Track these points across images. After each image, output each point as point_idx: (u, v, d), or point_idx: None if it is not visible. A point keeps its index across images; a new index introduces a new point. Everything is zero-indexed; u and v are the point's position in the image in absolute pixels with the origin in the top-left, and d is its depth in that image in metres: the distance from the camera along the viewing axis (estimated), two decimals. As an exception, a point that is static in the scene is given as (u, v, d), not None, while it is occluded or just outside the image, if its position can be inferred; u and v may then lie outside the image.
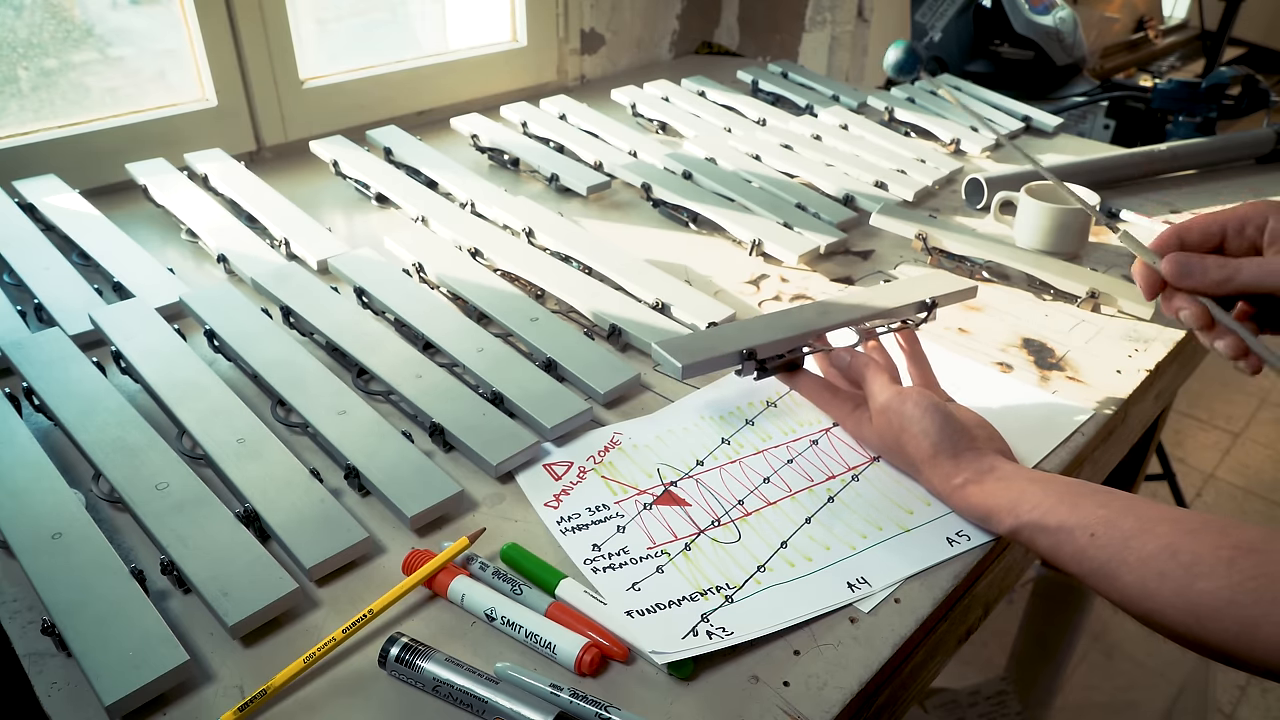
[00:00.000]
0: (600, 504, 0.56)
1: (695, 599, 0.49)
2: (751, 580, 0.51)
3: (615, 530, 0.54)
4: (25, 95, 0.95)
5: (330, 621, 0.48)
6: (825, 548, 0.53)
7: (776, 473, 0.58)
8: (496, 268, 0.81)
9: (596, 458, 0.60)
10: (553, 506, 0.56)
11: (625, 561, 0.52)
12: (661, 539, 0.53)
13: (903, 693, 0.52)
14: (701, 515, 0.55)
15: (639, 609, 0.48)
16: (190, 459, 0.57)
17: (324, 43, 1.18)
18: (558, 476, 0.58)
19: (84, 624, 0.45)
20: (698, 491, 0.57)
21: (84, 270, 0.79)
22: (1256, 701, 1.63)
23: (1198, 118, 1.49)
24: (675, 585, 0.50)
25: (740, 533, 0.54)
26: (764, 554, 0.52)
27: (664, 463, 0.59)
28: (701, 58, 1.61)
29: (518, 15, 1.33)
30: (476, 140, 1.11)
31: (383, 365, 0.66)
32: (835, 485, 0.58)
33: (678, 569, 0.51)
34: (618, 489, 0.57)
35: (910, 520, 0.55)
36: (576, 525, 0.54)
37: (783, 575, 0.51)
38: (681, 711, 0.43)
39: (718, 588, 0.50)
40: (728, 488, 0.57)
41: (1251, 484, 2.06)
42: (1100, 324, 0.77)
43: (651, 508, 0.56)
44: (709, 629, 0.47)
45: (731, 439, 0.61)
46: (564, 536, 0.53)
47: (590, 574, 0.51)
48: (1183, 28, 2.26)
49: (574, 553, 0.52)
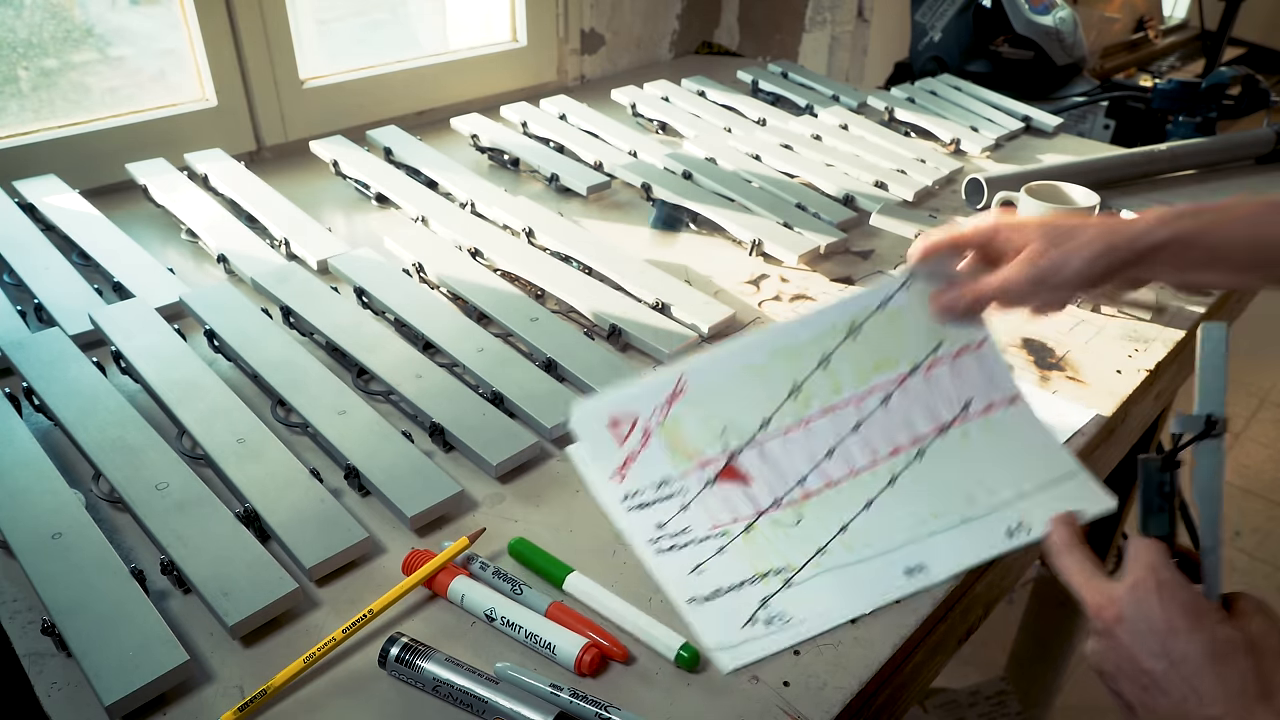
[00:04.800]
0: (663, 479, 0.54)
1: (755, 582, 0.49)
2: (810, 564, 0.50)
3: (678, 509, 0.53)
4: (25, 95, 0.95)
5: (330, 621, 0.48)
6: (886, 533, 0.52)
7: (842, 442, 0.55)
8: (496, 268, 0.81)
9: (663, 411, 0.55)
10: (617, 480, 0.54)
11: (689, 541, 0.51)
12: (722, 519, 0.53)
13: (903, 693, 0.52)
14: (763, 494, 0.54)
15: (701, 595, 0.48)
16: (190, 459, 0.57)
17: (324, 43, 1.18)
18: (623, 438, 0.54)
19: (84, 624, 0.45)
20: (760, 465, 0.55)
21: (84, 270, 0.79)
22: (1256, 701, 1.62)
23: (1198, 118, 1.49)
24: (736, 567, 0.50)
25: (801, 515, 0.53)
26: (823, 538, 0.52)
27: (729, 423, 0.55)
28: (701, 58, 1.61)
29: (518, 15, 1.33)
30: (476, 140, 1.12)
31: (383, 365, 0.66)
32: (899, 463, 0.55)
33: (738, 550, 0.51)
34: (682, 459, 0.54)
35: (970, 510, 0.53)
36: (641, 503, 0.53)
37: (841, 559, 0.51)
38: (681, 711, 0.43)
39: (777, 570, 0.50)
40: (791, 460, 0.55)
41: (1251, 484, 2.06)
42: (1100, 324, 0.77)
43: (714, 482, 0.54)
44: (768, 615, 0.47)
45: (802, 386, 0.56)
46: (629, 514, 0.52)
47: (653, 556, 0.51)
48: (1183, 28, 2.26)
49: (636, 533, 0.52)
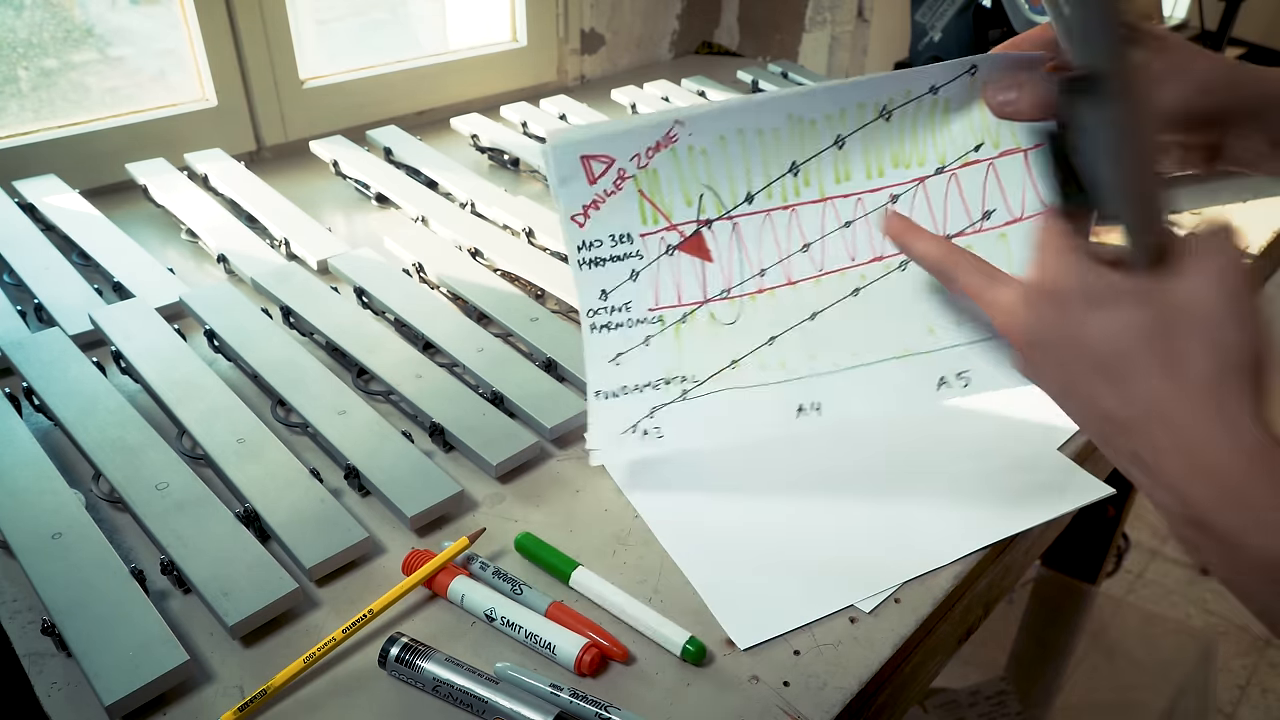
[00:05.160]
0: (625, 233, 0.51)
1: (658, 387, 0.49)
2: (714, 377, 0.49)
3: (628, 275, 0.51)
4: (25, 95, 0.95)
5: (330, 621, 0.48)
6: (809, 357, 0.49)
7: (824, 238, 0.51)
8: (496, 268, 0.81)
9: (643, 157, 0.50)
10: (579, 223, 0.51)
11: (623, 322, 0.50)
12: (666, 299, 0.51)
13: (903, 693, 0.52)
14: (716, 279, 0.51)
15: (608, 389, 0.48)
16: (190, 459, 0.57)
17: (324, 43, 1.18)
18: (594, 177, 0.50)
19: (84, 624, 0.45)
20: (727, 244, 0.51)
21: (84, 270, 0.79)
22: (1256, 701, 1.63)
23: (1198, 117, 1.49)
24: (651, 365, 0.49)
25: (740, 313, 0.51)
26: (745, 348, 0.50)
27: (711, 186, 0.51)
28: (701, 58, 1.61)
29: (518, 15, 1.33)
30: (476, 140, 1.12)
31: (383, 365, 0.66)
32: (873, 272, 0.51)
33: (661, 345, 0.50)
34: (650, 214, 0.51)
35: (916, 344, 0.50)
36: (595, 258, 0.51)
37: (747, 378, 0.49)
38: (681, 711, 0.43)
39: (683, 379, 0.49)
40: (761, 246, 0.51)
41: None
42: (1100, 324, 0.77)
43: (674, 252, 0.51)
44: (647, 426, 0.47)
45: (803, 166, 0.50)
46: (580, 270, 0.51)
47: (587, 330, 0.50)
48: (1183, 28, 2.26)
49: (584, 293, 0.51)
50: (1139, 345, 0.35)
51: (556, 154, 0.49)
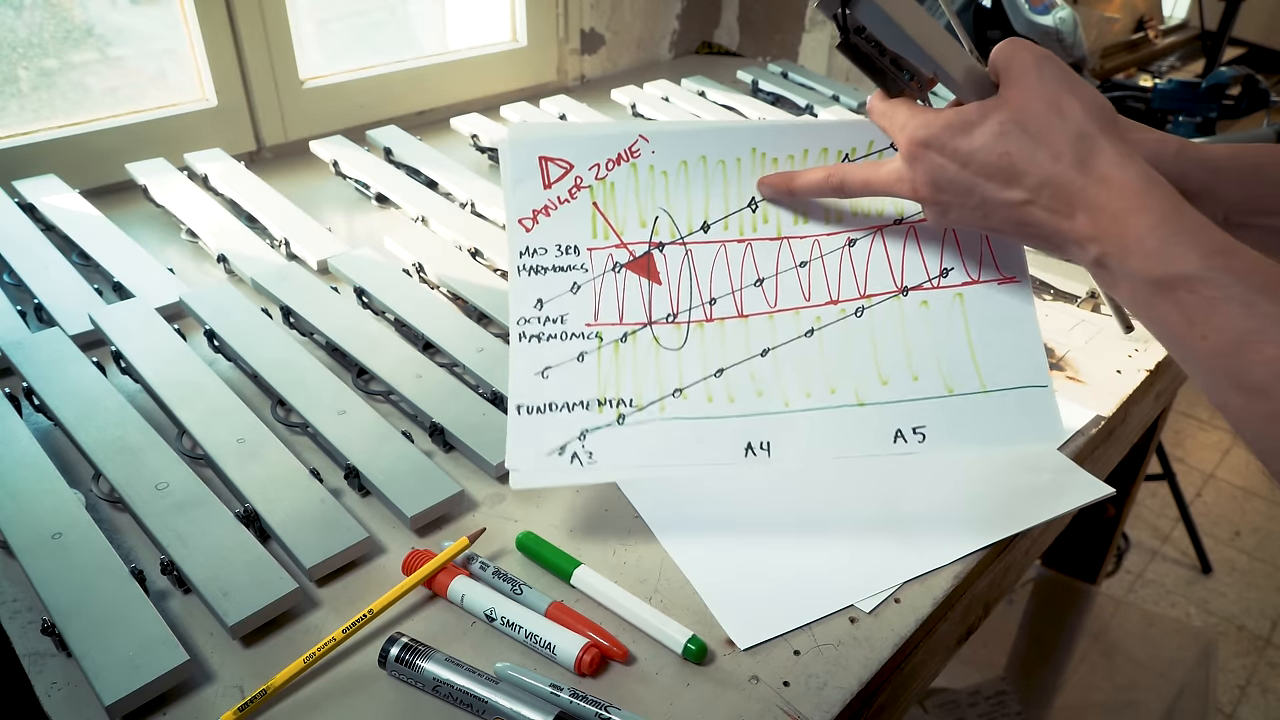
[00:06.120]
0: (572, 244, 0.49)
1: (589, 408, 0.46)
2: (656, 405, 0.47)
3: (569, 287, 0.49)
4: (25, 95, 0.95)
5: (330, 621, 0.48)
6: (757, 394, 0.47)
7: (778, 275, 0.50)
8: (496, 268, 0.81)
9: (602, 168, 0.50)
10: (525, 226, 0.50)
11: (555, 334, 0.48)
12: (607, 317, 0.49)
13: (903, 693, 0.52)
14: (662, 301, 0.49)
15: (531, 404, 0.46)
16: (190, 459, 0.58)
17: (324, 43, 1.18)
18: (550, 181, 0.50)
19: (84, 624, 0.45)
20: (679, 267, 0.50)
21: (84, 270, 0.79)
22: (1256, 701, 1.63)
23: (1198, 118, 1.49)
24: (581, 384, 0.47)
25: (686, 339, 0.48)
26: (692, 376, 0.48)
27: (668, 209, 0.50)
28: (701, 58, 1.61)
29: (518, 15, 1.33)
30: (476, 140, 1.11)
31: (383, 365, 0.66)
32: (828, 315, 0.49)
33: (597, 363, 0.47)
34: (601, 228, 0.50)
35: (872, 394, 0.48)
36: (537, 265, 0.49)
37: (692, 410, 0.47)
38: (681, 711, 0.43)
39: (618, 401, 0.46)
40: (713, 274, 0.50)
41: (1251, 484, 2.06)
42: (1100, 324, 0.77)
43: (620, 270, 0.49)
44: (576, 450, 0.44)
45: (762, 204, 0.50)
46: (518, 276, 0.49)
47: (515, 339, 0.48)
48: (1183, 28, 2.26)
49: (517, 300, 0.49)
50: (1013, 140, 0.42)
51: (514, 151, 0.48)
